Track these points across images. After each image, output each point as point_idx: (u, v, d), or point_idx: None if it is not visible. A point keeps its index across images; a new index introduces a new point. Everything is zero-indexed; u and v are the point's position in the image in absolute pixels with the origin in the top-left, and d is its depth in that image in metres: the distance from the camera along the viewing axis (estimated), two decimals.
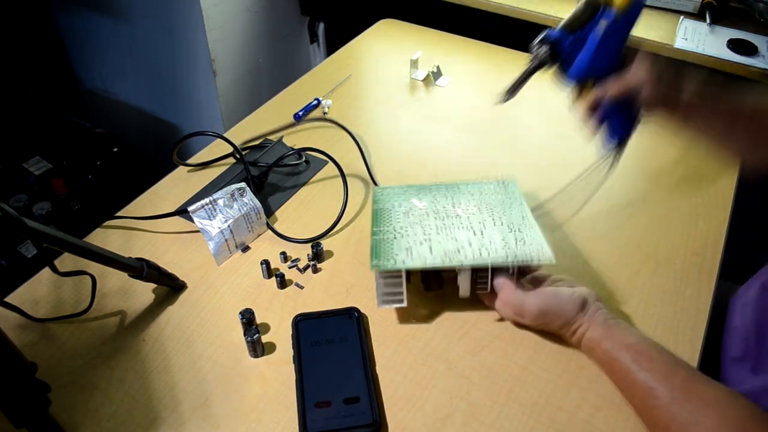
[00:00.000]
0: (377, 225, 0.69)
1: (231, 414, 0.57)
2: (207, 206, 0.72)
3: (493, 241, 0.64)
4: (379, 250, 0.64)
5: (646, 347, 0.56)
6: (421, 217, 0.69)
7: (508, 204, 0.70)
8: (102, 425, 0.56)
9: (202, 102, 1.56)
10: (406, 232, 0.67)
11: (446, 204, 0.71)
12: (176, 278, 0.68)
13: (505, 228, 0.66)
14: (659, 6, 1.25)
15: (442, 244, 0.64)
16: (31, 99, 1.66)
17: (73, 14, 1.63)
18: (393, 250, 0.64)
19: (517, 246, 0.63)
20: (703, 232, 0.77)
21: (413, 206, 0.72)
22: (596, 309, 0.60)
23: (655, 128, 0.65)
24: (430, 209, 0.71)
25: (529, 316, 0.61)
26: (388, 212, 0.71)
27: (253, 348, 0.61)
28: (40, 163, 1.43)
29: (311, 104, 0.98)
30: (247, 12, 1.50)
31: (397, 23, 1.24)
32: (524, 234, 0.65)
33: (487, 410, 0.58)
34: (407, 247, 0.64)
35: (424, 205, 0.72)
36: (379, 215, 0.71)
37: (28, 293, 0.68)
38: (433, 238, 0.65)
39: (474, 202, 0.71)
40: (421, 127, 0.96)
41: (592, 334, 0.59)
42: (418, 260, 0.62)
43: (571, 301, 0.60)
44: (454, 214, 0.69)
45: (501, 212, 0.69)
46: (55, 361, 0.61)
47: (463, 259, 0.62)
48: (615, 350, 0.57)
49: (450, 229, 0.67)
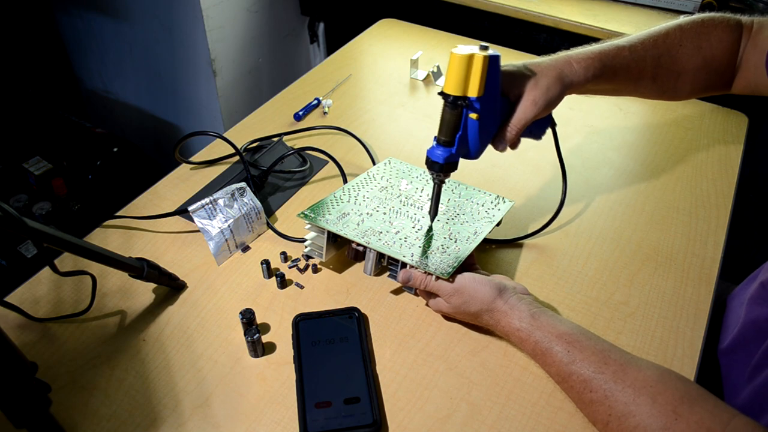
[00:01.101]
0: (351, 188, 0.74)
1: (231, 414, 0.57)
2: (207, 206, 0.72)
3: (418, 241, 0.66)
4: (321, 206, 0.70)
5: (577, 335, 0.56)
6: (390, 196, 0.73)
7: (479, 218, 0.71)
8: (102, 425, 0.56)
9: (202, 102, 1.56)
10: (361, 202, 0.71)
11: (423, 194, 0.74)
12: (176, 278, 0.68)
13: (447, 233, 0.68)
14: (659, 6, 1.25)
15: (376, 223, 0.68)
16: (31, 99, 1.66)
17: (74, 14, 1.63)
18: (333, 210, 0.69)
19: (432, 254, 0.65)
20: (703, 232, 0.77)
21: (397, 185, 0.75)
22: (519, 299, 0.60)
23: (655, 128, 0.65)
24: (408, 194, 0.74)
25: (445, 294, 0.61)
26: (372, 181, 0.75)
27: (253, 348, 0.61)
28: (40, 163, 1.43)
29: (311, 104, 0.98)
30: (247, 12, 1.50)
31: (397, 23, 1.24)
32: (453, 246, 0.66)
33: (487, 410, 0.58)
34: (346, 212, 0.69)
35: (407, 188, 0.75)
36: (365, 180, 0.76)
37: (28, 293, 0.68)
38: (375, 216, 0.69)
39: (453, 201, 0.74)
40: (421, 126, 0.96)
41: (519, 324, 0.58)
42: (339, 227, 0.66)
43: (487, 284, 0.60)
44: (419, 204, 0.72)
45: (464, 220, 0.71)
46: (55, 361, 0.61)
47: (373, 242, 0.65)
48: (546, 341, 0.56)
49: (397, 215, 0.70)
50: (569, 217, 0.79)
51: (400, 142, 0.92)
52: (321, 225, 0.67)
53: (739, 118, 0.98)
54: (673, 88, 0.72)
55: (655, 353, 0.63)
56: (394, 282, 0.69)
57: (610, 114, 0.98)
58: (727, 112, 0.99)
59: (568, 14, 1.22)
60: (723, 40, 0.71)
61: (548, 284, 0.70)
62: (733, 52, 0.72)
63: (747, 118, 0.98)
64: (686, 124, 0.96)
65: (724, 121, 0.97)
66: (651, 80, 0.70)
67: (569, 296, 0.69)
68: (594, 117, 0.99)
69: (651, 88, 0.71)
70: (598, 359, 0.53)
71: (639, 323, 0.66)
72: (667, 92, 0.73)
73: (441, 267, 0.62)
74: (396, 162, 0.80)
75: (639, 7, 1.26)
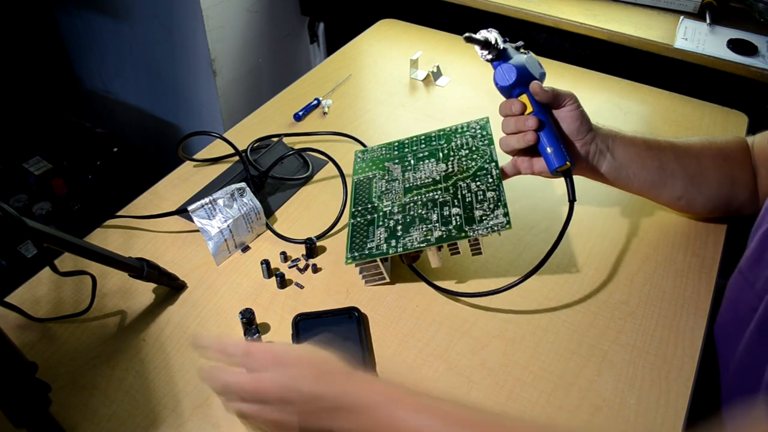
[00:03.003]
0: (355, 204, 0.72)
1: (231, 414, 0.57)
2: (207, 206, 0.72)
3: (454, 217, 0.65)
4: (353, 240, 0.67)
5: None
6: (395, 189, 0.72)
7: (480, 158, 0.70)
8: (102, 425, 0.56)
9: (202, 102, 1.56)
10: (381, 213, 0.69)
11: (420, 167, 0.73)
12: (176, 278, 0.68)
13: (468, 196, 0.66)
14: (659, 6, 1.25)
15: (410, 225, 0.66)
16: (31, 99, 1.66)
17: (74, 14, 1.63)
18: (367, 237, 0.67)
19: (475, 222, 0.63)
20: (703, 232, 0.77)
21: (388, 171, 0.75)
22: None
23: (655, 128, 0.65)
24: (404, 176, 0.73)
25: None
26: (367, 184, 0.74)
27: None
28: (40, 163, 1.43)
29: (311, 104, 0.98)
30: (247, 12, 1.50)
31: (397, 23, 1.24)
32: (485, 203, 0.65)
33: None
34: (379, 233, 0.67)
35: (397, 170, 0.74)
36: (358, 189, 0.74)
37: (28, 293, 0.68)
38: (402, 220, 0.67)
39: (446, 162, 0.72)
40: (421, 126, 0.95)
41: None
42: (388, 248, 0.64)
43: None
44: (425, 182, 0.71)
45: (472, 176, 0.68)
46: (55, 361, 0.61)
47: (427, 241, 0.64)
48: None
49: (417, 206, 0.68)
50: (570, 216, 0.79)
51: None
52: (377, 256, 0.64)
53: (739, 118, 0.98)
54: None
55: (655, 353, 0.63)
56: (393, 283, 0.69)
57: (610, 114, 0.97)
58: (727, 112, 0.99)
59: (568, 14, 1.22)
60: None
61: (548, 284, 0.70)
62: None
63: (747, 118, 0.98)
64: (686, 124, 0.96)
65: (724, 121, 0.97)
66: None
67: (569, 296, 0.69)
68: (594, 117, 0.98)
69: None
70: None
71: (639, 323, 0.66)
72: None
73: (495, 223, 0.62)
74: (367, 151, 0.80)
75: (639, 7, 1.26)
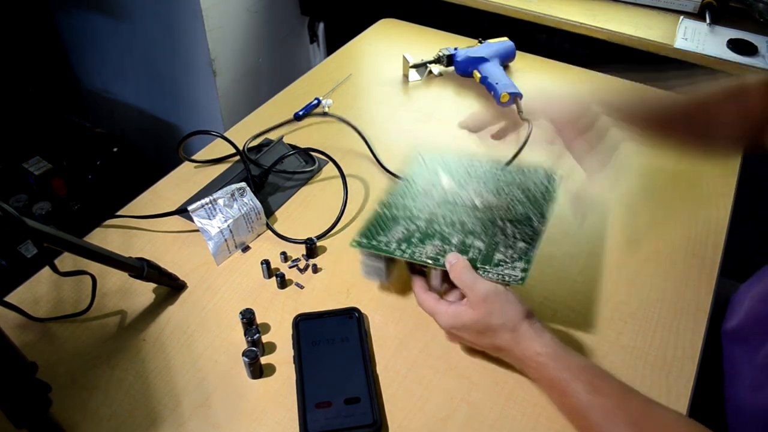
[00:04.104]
0: (394, 195, 0.69)
1: (231, 414, 0.57)
2: (207, 206, 0.72)
3: (473, 249, 0.62)
4: (368, 228, 0.65)
5: (600, 374, 0.54)
6: (433, 196, 0.68)
7: (531, 208, 0.66)
8: (102, 425, 0.56)
9: (202, 102, 1.56)
10: (410, 215, 0.66)
11: (467, 186, 0.69)
12: (176, 278, 0.68)
13: (499, 237, 0.63)
14: (659, 6, 1.25)
15: (428, 238, 0.63)
16: (31, 99, 1.66)
17: (73, 14, 1.63)
18: (383, 231, 0.65)
19: (491, 263, 0.60)
20: (703, 232, 0.77)
21: (439, 184, 0.70)
22: (544, 327, 0.57)
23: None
24: (451, 197, 0.68)
25: (473, 299, 0.57)
26: (414, 185, 0.71)
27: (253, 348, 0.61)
28: (40, 163, 1.43)
29: (311, 104, 0.98)
30: (247, 12, 1.50)
31: (397, 23, 1.24)
32: (511, 251, 0.61)
33: (488, 411, 0.58)
34: (395, 231, 0.64)
35: (445, 179, 0.70)
36: (406, 185, 0.70)
37: (28, 293, 0.68)
38: (423, 228, 0.64)
39: (496, 195, 0.68)
40: (421, 126, 0.96)
41: (542, 349, 0.55)
42: (395, 249, 0.62)
43: (518, 303, 0.57)
44: (464, 202, 0.67)
45: (514, 221, 0.65)
46: (55, 361, 0.61)
47: (435, 260, 0.61)
48: (567, 373, 0.54)
49: (444, 223, 0.65)
50: (569, 217, 0.79)
51: (400, 142, 0.92)
52: (382, 252, 0.62)
53: None
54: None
55: (655, 353, 0.63)
56: (393, 284, 0.69)
57: None
58: None
59: (568, 14, 1.22)
60: None
61: (548, 284, 0.70)
62: None
63: None
64: None
65: None
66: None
67: (569, 296, 0.69)
68: None
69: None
70: (617, 403, 0.52)
71: (639, 323, 0.66)
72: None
73: (510, 273, 0.59)
74: (428, 156, 0.75)
75: (639, 7, 1.26)
